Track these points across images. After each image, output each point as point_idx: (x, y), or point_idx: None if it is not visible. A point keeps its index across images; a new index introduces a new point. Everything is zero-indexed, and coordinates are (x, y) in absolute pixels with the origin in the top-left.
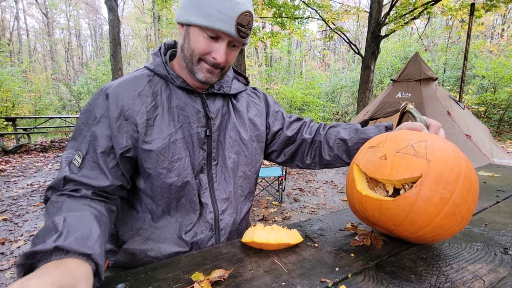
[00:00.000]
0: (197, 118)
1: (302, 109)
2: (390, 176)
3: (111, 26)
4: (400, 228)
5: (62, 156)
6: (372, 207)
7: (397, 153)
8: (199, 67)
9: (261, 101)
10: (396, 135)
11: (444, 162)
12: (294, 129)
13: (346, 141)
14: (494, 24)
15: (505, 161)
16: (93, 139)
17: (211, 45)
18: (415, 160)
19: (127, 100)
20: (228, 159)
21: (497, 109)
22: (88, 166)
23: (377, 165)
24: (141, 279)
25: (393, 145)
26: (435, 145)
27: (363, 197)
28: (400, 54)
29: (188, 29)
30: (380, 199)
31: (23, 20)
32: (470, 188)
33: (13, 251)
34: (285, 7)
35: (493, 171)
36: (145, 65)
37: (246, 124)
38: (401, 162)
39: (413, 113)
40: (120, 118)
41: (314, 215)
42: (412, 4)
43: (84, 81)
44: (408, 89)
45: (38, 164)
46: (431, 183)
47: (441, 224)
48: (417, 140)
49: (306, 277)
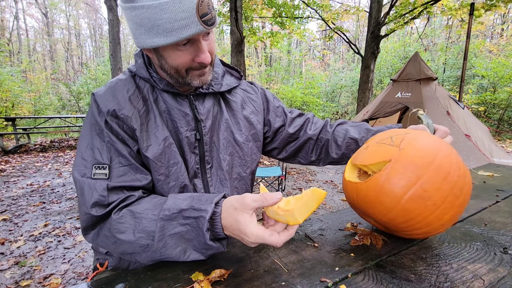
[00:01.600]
0: (185, 122)
1: (301, 109)
2: (364, 160)
3: (111, 25)
4: (373, 209)
5: (76, 176)
6: (351, 191)
7: (376, 143)
8: (190, 77)
9: (258, 97)
10: (391, 132)
11: (416, 150)
12: (296, 125)
13: (357, 140)
14: (493, 23)
15: (504, 161)
16: (111, 145)
17: (190, 52)
18: (389, 148)
19: (117, 106)
20: (223, 161)
21: (497, 109)
22: (120, 172)
23: (360, 153)
24: (141, 279)
25: (379, 138)
26: (416, 138)
27: (346, 182)
28: (400, 54)
29: (158, 50)
30: (356, 182)
31: (22, 20)
32: (445, 177)
33: (13, 251)
34: (285, 7)
35: (492, 171)
36: (128, 67)
37: (240, 123)
38: (377, 150)
39: (422, 118)
40: (117, 123)
41: (314, 215)
42: (411, 4)
43: (83, 81)
44: (407, 89)
45: (38, 164)
46: (398, 167)
47: (407, 207)
48: (400, 134)
49: (306, 277)
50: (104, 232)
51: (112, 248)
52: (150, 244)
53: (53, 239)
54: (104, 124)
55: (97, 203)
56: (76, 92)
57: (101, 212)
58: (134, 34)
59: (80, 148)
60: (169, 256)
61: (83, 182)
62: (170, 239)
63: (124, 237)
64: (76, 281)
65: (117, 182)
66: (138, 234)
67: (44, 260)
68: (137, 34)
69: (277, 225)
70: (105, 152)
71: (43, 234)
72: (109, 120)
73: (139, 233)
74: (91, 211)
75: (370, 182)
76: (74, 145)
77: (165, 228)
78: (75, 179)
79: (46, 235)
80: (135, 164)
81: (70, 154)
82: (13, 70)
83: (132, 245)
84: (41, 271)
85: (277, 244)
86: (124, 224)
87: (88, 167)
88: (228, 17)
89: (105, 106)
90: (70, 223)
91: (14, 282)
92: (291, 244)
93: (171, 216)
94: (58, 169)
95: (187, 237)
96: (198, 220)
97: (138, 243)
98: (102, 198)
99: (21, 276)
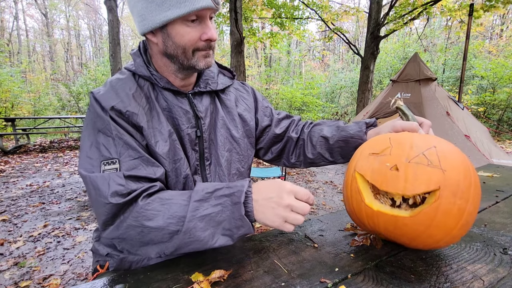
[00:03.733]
0: (186, 119)
1: (301, 109)
2: (406, 190)
3: (111, 26)
4: (415, 241)
5: (84, 174)
6: (386, 223)
7: (409, 163)
8: (196, 59)
9: (249, 96)
10: (401, 140)
11: (457, 170)
12: (283, 127)
13: (328, 139)
14: (493, 24)
15: (504, 161)
16: (119, 138)
17: (198, 30)
18: (430, 171)
19: (121, 103)
20: (221, 158)
21: (496, 110)
22: (131, 165)
23: (388, 176)
24: (140, 280)
25: (402, 152)
26: (445, 151)
27: (374, 213)
28: (400, 54)
29: (166, 30)
30: (397, 215)
31: (22, 21)
32: (479, 193)
33: (12, 251)
34: (285, 8)
35: (492, 172)
36: (124, 66)
37: (236, 120)
38: (416, 174)
39: (404, 110)
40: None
41: (314, 216)
42: (411, 5)
43: (83, 82)
44: (407, 90)
45: (37, 164)
46: (449, 195)
47: (456, 235)
48: (425, 146)
49: (305, 278)
50: (128, 222)
51: (137, 239)
52: (179, 230)
53: (53, 240)
54: (109, 119)
55: (116, 192)
56: (76, 92)
57: (123, 200)
58: (142, 16)
59: (84, 148)
60: (198, 239)
61: (95, 177)
62: (200, 222)
63: (152, 224)
64: (75, 281)
65: (135, 171)
66: (168, 220)
67: (44, 260)
68: (146, 14)
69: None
70: (112, 146)
71: (42, 234)
72: (113, 116)
73: (169, 218)
74: (112, 200)
75: (420, 217)
76: (74, 145)
77: (197, 209)
78: (84, 177)
79: (46, 236)
80: (146, 156)
81: (69, 154)
82: (13, 70)
83: (161, 232)
84: (41, 271)
85: (309, 196)
86: (152, 211)
87: (95, 165)
88: (227, 18)
89: (108, 104)
90: (69, 224)
91: (14, 283)
92: (290, 245)
93: (204, 196)
94: (57, 169)
95: (218, 219)
96: (232, 196)
97: (168, 230)
98: (121, 187)
99: (20, 276)
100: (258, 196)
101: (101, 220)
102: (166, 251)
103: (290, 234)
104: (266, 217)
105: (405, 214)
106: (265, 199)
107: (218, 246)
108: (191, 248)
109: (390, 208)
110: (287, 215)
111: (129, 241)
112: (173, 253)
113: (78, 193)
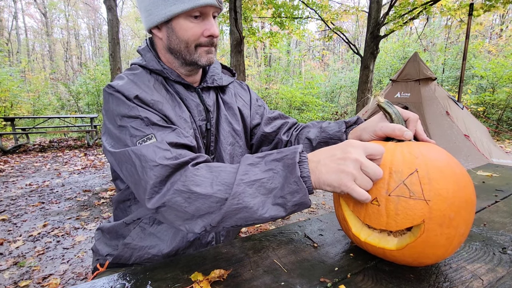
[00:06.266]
0: (197, 112)
1: (301, 109)
2: (389, 226)
3: (110, 26)
4: (407, 266)
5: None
6: (374, 252)
7: (389, 196)
8: (198, 54)
9: (246, 93)
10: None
11: (444, 196)
12: (274, 126)
13: (311, 140)
14: (492, 24)
15: (503, 161)
16: (148, 119)
17: (201, 26)
18: (413, 204)
19: (145, 93)
20: (224, 152)
21: (496, 109)
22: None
23: (369, 211)
24: (140, 279)
25: (381, 182)
26: (429, 173)
27: (362, 243)
28: (399, 54)
29: (170, 24)
30: (383, 247)
31: (21, 20)
32: (472, 210)
33: (12, 251)
34: (284, 7)
35: (491, 171)
36: (133, 62)
37: (237, 114)
38: (397, 209)
39: (385, 108)
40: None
41: (314, 215)
42: (411, 4)
43: (83, 81)
44: (407, 89)
45: (37, 164)
46: (435, 227)
47: (450, 254)
48: (406, 171)
49: (305, 277)
50: (176, 186)
51: (183, 207)
52: (227, 198)
53: (52, 240)
54: (134, 104)
55: (164, 156)
56: (75, 92)
57: (172, 162)
58: (149, 11)
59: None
60: (247, 206)
61: (136, 149)
62: (250, 187)
63: (200, 190)
64: (75, 281)
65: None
66: (217, 187)
67: (43, 260)
68: (153, 9)
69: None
70: (143, 127)
71: (42, 234)
72: (138, 103)
73: (217, 185)
74: (161, 162)
75: (406, 250)
76: (73, 145)
77: (247, 173)
78: (121, 152)
79: (45, 235)
80: (179, 128)
81: (69, 154)
82: (12, 70)
83: (208, 200)
84: (40, 271)
85: (380, 151)
86: (200, 177)
87: (129, 144)
88: (227, 17)
89: (131, 93)
90: (69, 223)
91: (13, 282)
92: (290, 244)
93: (254, 161)
94: (57, 169)
95: (269, 186)
96: (285, 159)
97: (216, 197)
98: (167, 151)
99: (20, 276)
100: (317, 157)
101: (149, 185)
102: (212, 223)
103: (290, 234)
104: (329, 177)
105: (392, 247)
106: (327, 158)
107: (269, 217)
108: (239, 217)
109: (378, 239)
110: (357, 174)
111: (174, 210)
112: (219, 225)
113: (78, 193)
